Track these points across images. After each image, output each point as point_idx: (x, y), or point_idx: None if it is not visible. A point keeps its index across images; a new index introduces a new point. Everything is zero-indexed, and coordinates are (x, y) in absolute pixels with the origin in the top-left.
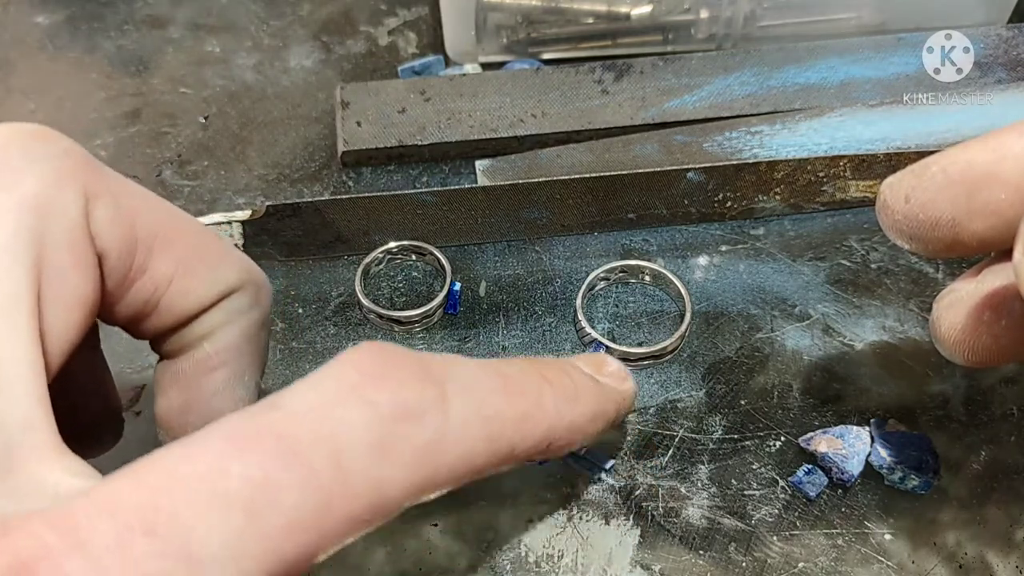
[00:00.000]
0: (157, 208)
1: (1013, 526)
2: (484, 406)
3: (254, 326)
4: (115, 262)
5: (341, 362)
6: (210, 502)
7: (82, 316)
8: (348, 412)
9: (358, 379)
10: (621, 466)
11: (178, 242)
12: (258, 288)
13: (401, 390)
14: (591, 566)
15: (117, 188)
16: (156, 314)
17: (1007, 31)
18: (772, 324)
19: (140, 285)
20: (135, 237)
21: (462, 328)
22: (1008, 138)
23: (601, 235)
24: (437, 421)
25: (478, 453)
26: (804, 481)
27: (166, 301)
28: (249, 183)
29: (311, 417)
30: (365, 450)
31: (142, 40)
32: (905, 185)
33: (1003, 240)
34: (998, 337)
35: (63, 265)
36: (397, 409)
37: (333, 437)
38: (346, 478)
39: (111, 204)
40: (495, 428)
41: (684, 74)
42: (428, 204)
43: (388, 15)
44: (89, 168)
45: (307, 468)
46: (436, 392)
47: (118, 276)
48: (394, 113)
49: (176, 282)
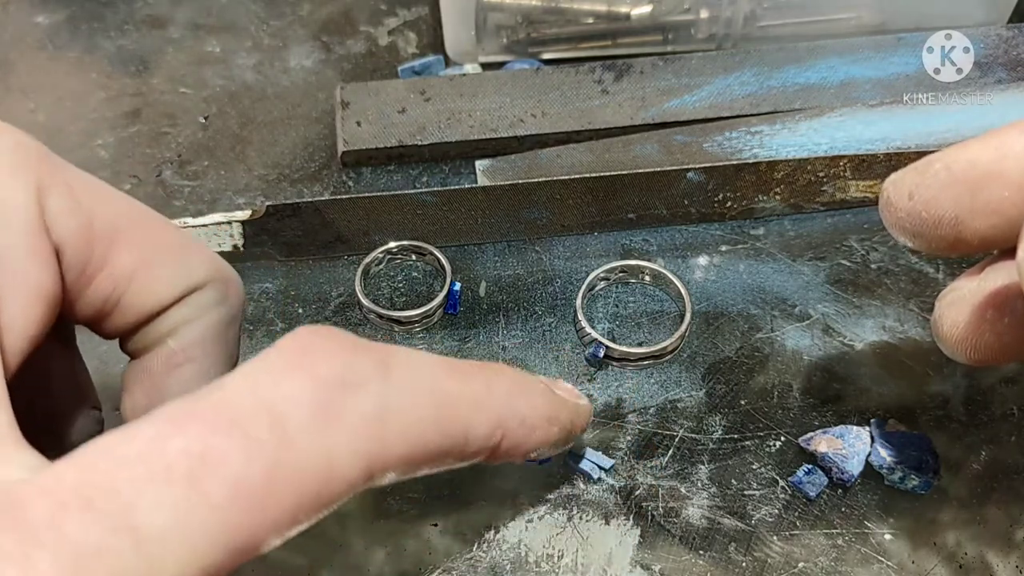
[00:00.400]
0: (116, 201)
1: (1013, 526)
2: (430, 380)
3: (222, 322)
4: (72, 256)
5: (280, 342)
6: (150, 476)
7: (42, 309)
8: (289, 383)
9: (298, 354)
10: (621, 466)
11: (139, 236)
12: (226, 284)
13: (341, 360)
14: (591, 566)
15: (73, 180)
16: (119, 311)
17: (1007, 31)
18: (772, 324)
19: (100, 280)
20: (93, 229)
21: (462, 328)
22: (1010, 136)
23: (601, 235)
24: (380, 388)
25: (428, 429)
26: (804, 481)
27: (128, 297)
28: (249, 183)
29: (251, 391)
30: (308, 418)
31: (142, 40)
32: (908, 182)
33: (1006, 238)
34: (1000, 335)
35: (17, 256)
36: (338, 377)
37: (274, 407)
38: (291, 445)
39: (66, 195)
40: (443, 404)
41: (684, 74)
42: (428, 204)
43: (388, 15)
44: (43, 160)
45: (249, 436)
46: (377, 362)
47: (76, 270)
48: (394, 113)
49: (138, 277)
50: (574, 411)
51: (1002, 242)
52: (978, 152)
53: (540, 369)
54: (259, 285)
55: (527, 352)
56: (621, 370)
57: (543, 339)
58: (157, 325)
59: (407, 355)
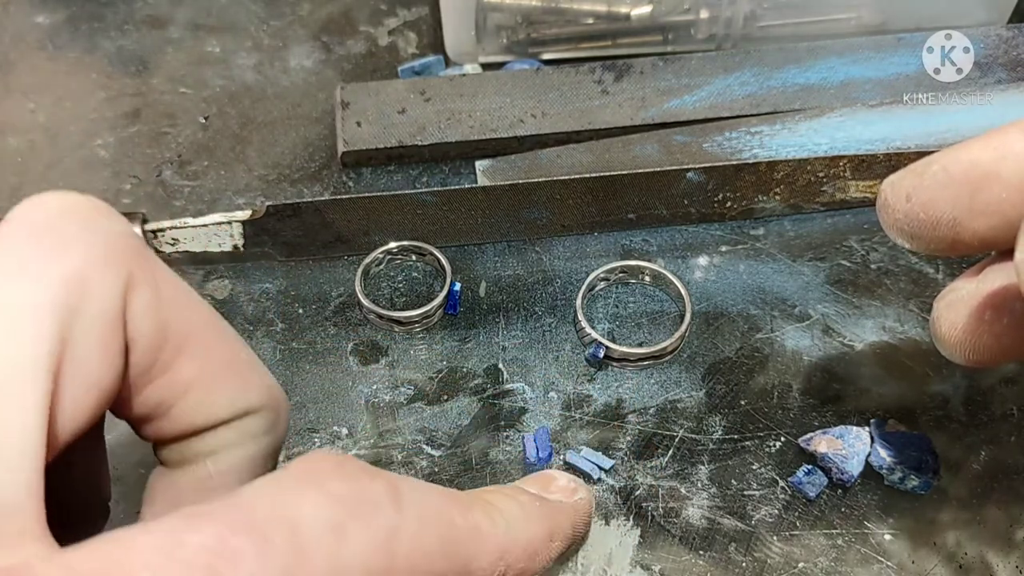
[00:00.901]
0: (195, 308)
1: (1013, 526)
2: (437, 510)
3: (263, 453)
4: (140, 355)
5: (293, 463)
6: (167, 566)
7: (97, 401)
8: (305, 497)
9: (314, 473)
10: (621, 466)
11: (208, 349)
12: (277, 413)
13: (356, 482)
14: (591, 566)
15: (162, 279)
16: (166, 418)
17: (1007, 31)
18: (772, 324)
19: (158, 385)
20: (167, 333)
21: (462, 328)
22: (1009, 137)
23: (601, 235)
24: (392, 512)
25: (435, 556)
26: (804, 481)
27: (180, 408)
28: (249, 183)
29: (268, 500)
30: (322, 530)
31: (142, 40)
32: (906, 184)
33: (1004, 239)
34: (999, 336)
35: (89, 346)
36: (353, 497)
37: (290, 516)
38: (304, 553)
39: (151, 293)
40: (449, 533)
41: (684, 74)
42: (428, 204)
43: (388, 15)
44: (139, 253)
45: (265, 539)
46: (389, 487)
47: (139, 368)
48: (394, 113)
49: (195, 391)
50: (572, 514)
51: (1001, 243)
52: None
53: (540, 369)
54: (259, 285)
55: (527, 352)
56: (621, 370)
57: (543, 339)
58: (198, 441)
59: (414, 484)
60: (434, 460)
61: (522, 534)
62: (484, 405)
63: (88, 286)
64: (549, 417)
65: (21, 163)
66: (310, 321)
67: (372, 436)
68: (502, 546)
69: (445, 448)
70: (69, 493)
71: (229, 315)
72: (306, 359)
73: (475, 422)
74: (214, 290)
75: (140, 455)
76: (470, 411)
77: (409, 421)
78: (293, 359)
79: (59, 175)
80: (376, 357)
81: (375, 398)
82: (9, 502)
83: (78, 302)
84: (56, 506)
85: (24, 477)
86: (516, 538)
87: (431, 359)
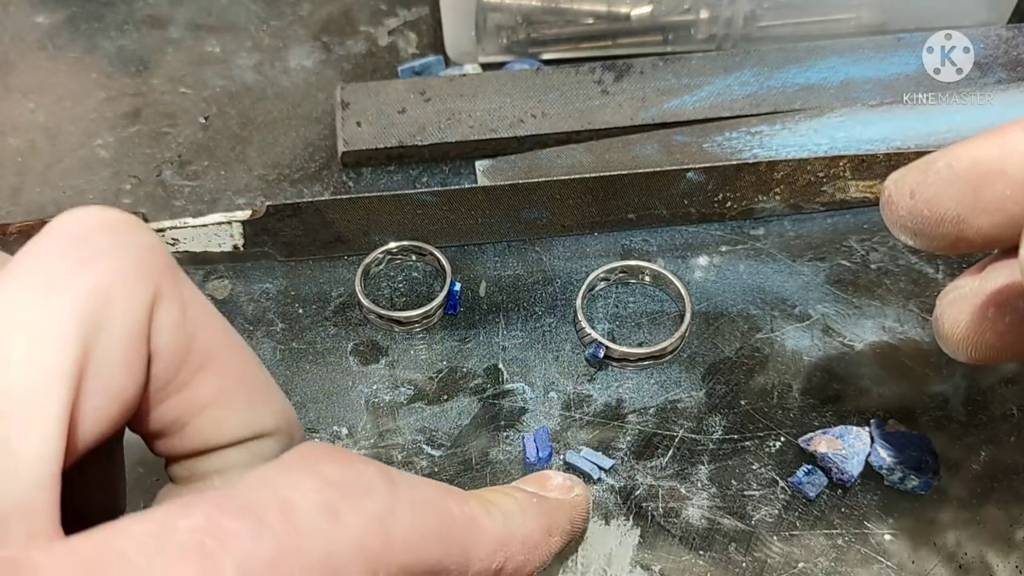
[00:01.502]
0: (218, 327)
1: (1013, 526)
2: (432, 497)
3: None
4: (161, 370)
5: (288, 453)
6: (161, 548)
7: (118, 411)
8: (299, 480)
9: (307, 458)
10: (621, 466)
11: (228, 369)
12: (291, 439)
13: (350, 466)
14: (591, 566)
15: (189, 296)
16: (180, 435)
17: (1007, 31)
18: (772, 324)
19: (176, 401)
20: (189, 349)
21: (462, 328)
22: (1013, 134)
23: (601, 235)
24: (387, 495)
25: (431, 540)
26: (804, 481)
27: (194, 426)
28: (249, 183)
29: (261, 485)
30: (316, 511)
31: (142, 40)
32: (910, 181)
33: (1008, 237)
34: (1002, 334)
35: (113, 358)
36: (347, 480)
37: (283, 496)
38: (298, 533)
39: (177, 309)
40: (446, 519)
41: (684, 74)
42: (428, 204)
43: (388, 15)
44: (168, 269)
45: (259, 520)
46: (383, 473)
47: (159, 383)
48: (394, 113)
49: (211, 409)
50: (569, 510)
51: (1004, 241)
52: (981, 150)
53: (540, 369)
54: (259, 285)
55: (527, 352)
56: (621, 370)
57: (543, 339)
58: (209, 460)
59: (408, 474)
60: (434, 460)
61: (520, 528)
62: (484, 405)
63: (115, 299)
64: (549, 417)
65: (21, 163)
66: (310, 321)
67: (372, 436)
68: (500, 537)
69: (445, 448)
70: (85, 500)
71: (229, 315)
72: (306, 359)
73: (475, 422)
74: (214, 290)
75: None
76: (470, 411)
77: (409, 421)
78: (293, 359)
79: (59, 175)
80: (376, 357)
81: (375, 398)
82: (25, 503)
83: (104, 314)
84: (72, 512)
85: (41, 480)
86: (514, 531)
87: (431, 359)
